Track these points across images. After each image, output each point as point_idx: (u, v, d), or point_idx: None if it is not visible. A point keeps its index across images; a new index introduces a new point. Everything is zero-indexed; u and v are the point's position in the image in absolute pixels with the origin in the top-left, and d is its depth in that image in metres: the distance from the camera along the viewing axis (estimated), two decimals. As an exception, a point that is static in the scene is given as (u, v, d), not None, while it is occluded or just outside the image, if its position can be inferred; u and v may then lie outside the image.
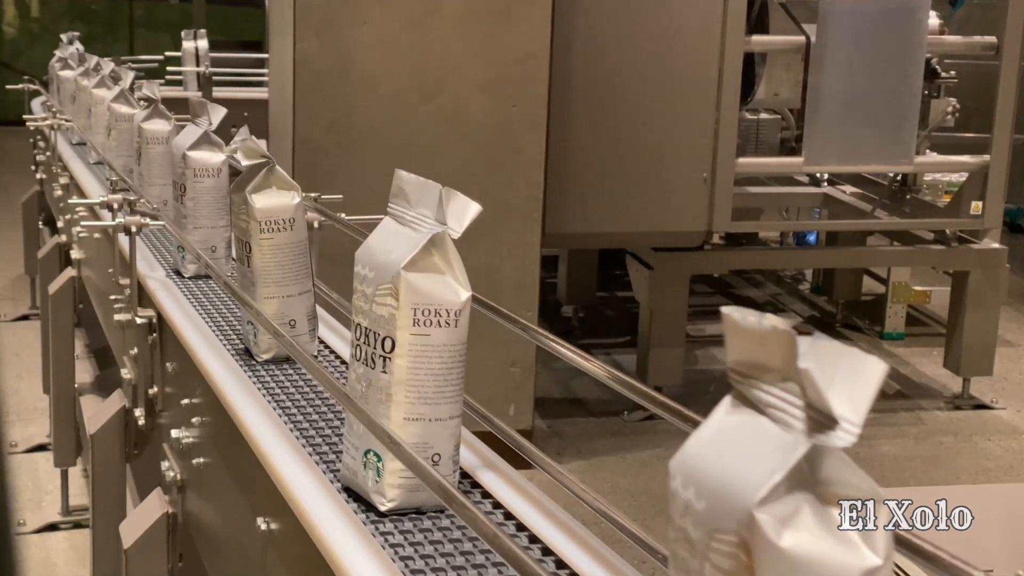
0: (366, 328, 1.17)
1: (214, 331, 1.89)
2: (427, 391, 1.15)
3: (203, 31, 5.63)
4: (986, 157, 4.70)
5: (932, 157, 4.89)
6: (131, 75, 3.21)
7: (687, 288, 4.64)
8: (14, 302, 5.92)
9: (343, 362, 1.71)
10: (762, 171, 4.99)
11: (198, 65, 6.21)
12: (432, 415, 1.16)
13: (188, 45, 5.34)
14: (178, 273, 2.23)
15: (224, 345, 1.81)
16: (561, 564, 1.12)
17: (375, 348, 1.16)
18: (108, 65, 3.67)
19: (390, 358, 1.15)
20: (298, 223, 1.65)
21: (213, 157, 2.10)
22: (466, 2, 3.88)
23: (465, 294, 1.16)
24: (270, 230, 1.63)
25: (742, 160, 4.53)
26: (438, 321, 1.14)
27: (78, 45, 4.92)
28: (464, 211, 1.13)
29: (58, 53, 4.97)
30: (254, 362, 1.70)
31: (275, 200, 1.63)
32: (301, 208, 1.65)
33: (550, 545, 1.15)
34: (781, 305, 6.33)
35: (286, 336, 1.48)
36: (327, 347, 1.79)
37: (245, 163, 1.63)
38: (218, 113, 2.07)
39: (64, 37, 5.29)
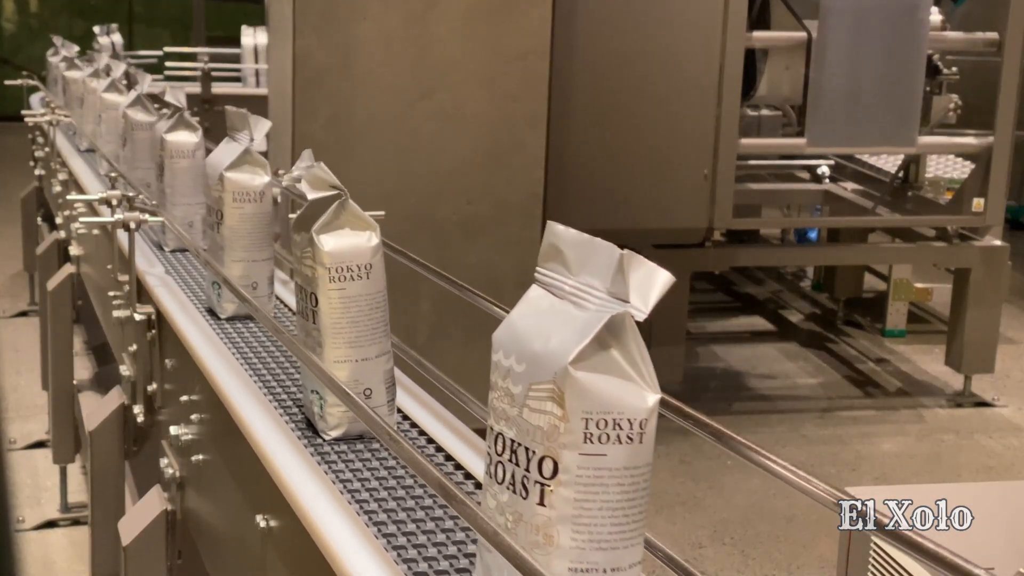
0: (513, 441, 0.88)
1: (217, 332, 1.88)
2: (601, 531, 0.86)
3: (115, 25, 5.58)
4: (989, 139, 4.68)
5: (935, 138, 4.84)
6: (148, 78, 2.92)
7: (688, 285, 4.64)
8: (13, 298, 5.92)
9: (429, 439, 1.43)
10: (765, 152, 4.99)
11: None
12: (607, 564, 0.86)
13: (104, 40, 5.31)
14: (212, 313, 1.94)
15: (225, 342, 1.80)
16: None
17: (528, 471, 0.86)
18: (120, 66, 3.43)
19: (550, 486, 0.85)
20: (376, 270, 1.36)
21: (255, 179, 1.82)
22: (466, -2, 3.87)
23: (653, 398, 0.86)
24: (341, 278, 1.34)
25: (745, 141, 4.52)
26: (618, 436, 0.84)
27: (69, 48, 4.84)
28: (650, 282, 0.84)
29: (63, 53, 4.85)
30: (319, 440, 1.40)
31: (348, 241, 1.35)
32: (380, 252, 1.37)
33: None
34: (782, 302, 6.32)
35: (373, 414, 1.15)
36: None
37: (311, 195, 1.35)
38: (262, 127, 1.79)
39: (57, 41, 5.21)
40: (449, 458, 1.37)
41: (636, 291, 0.84)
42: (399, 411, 1.49)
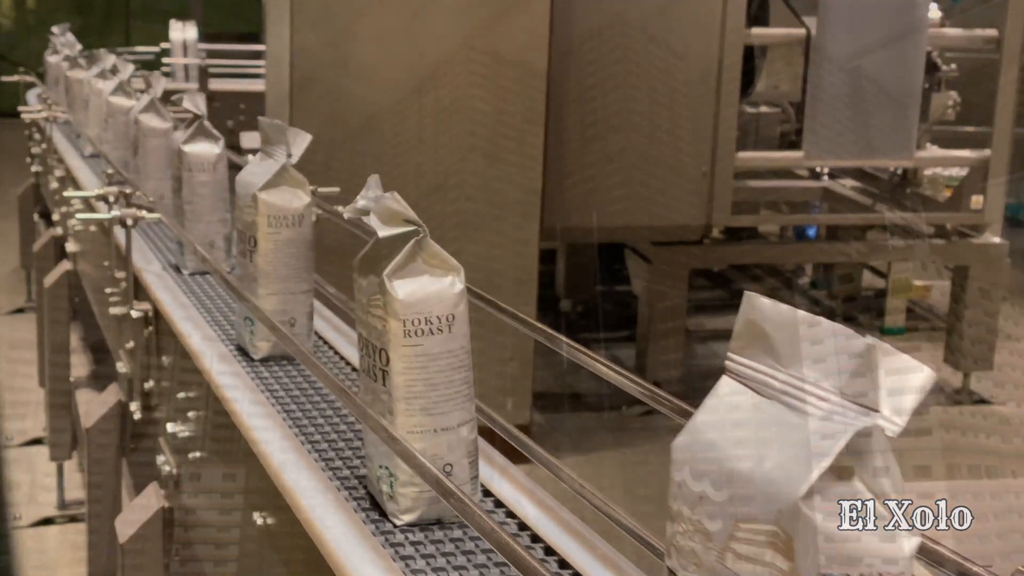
0: None
1: (210, 323, 1.87)
2: None
3: (67, 24, 5.61)
4: (986, 152, 4.69)
5: (933, 151, 4.87)
6: (163, 80, 2.68)
7: (686, 282, 4.63)
8: (10, 295, 5.91)
9: (510, 515, 1.21)
10: (762, 165, 4.98)
11: None
12: None
13: (61, 41, 5.38)
14: (243, 352, 1.71)
15: (220, 337, 1.79)
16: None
17: None
18: (128, 67, 3.24)
19: None
20: (459, 321, 1.14)
21: (294, 200, 1.61)
22: (465, -6, 3.86)
23: (910, 544, 0.64)
24: (418, 332, 1.12)
25: (742, 154, 4.52)
26: None
27: (69, 36, 4.78)
28: (905, 383, 0.61)
29: (64, 52, 4.76)
30: (388, 526, 1.17)
31: (426, 288, 1.13)
32: (464, 300, 1.15)
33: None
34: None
35: (458, 491, 0.97)
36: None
37: (383, 232, 1.14)
38: (301, 141, 1.59)
39: (56, 41, 5.16)
40: (523, 527, 1.19)
41: (888, 399, 0.61)
42: None
